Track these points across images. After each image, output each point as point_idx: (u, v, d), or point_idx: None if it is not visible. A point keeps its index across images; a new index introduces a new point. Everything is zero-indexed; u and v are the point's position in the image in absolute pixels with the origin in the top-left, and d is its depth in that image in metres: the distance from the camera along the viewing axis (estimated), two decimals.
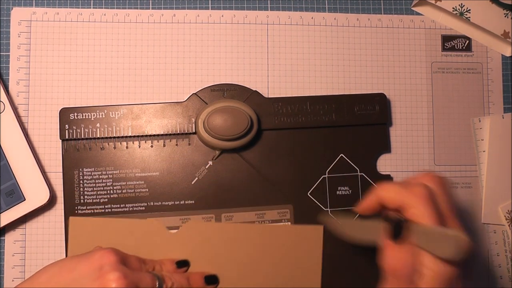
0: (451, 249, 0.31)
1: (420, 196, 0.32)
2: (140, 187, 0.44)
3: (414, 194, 0.33)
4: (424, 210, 0.32)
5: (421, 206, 0.32)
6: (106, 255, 0.35)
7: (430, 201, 0.32)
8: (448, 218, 0.33)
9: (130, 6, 0.47)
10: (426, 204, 0.32)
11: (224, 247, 0.42)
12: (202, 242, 0.42)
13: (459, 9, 0.47)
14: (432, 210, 0.32)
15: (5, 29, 0.45)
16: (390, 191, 0.34)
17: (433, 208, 0.32)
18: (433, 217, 0.32)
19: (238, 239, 0.43)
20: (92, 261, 0.35)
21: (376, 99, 0.46)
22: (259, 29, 0.47)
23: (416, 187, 0.33)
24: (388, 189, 0.34)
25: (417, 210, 0.32)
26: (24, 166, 0.42)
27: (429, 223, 0.32)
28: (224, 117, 0.42)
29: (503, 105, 0.49)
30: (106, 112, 0.43)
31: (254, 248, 0.43)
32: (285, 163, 0.45)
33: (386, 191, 0.34)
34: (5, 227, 0.43)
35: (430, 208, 0.32)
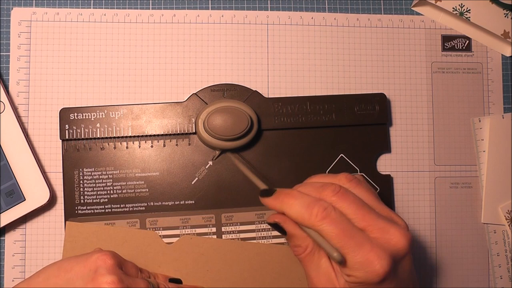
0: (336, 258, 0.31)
1: (320, 217, 0.32)
2: (140, 187, 0.44)
3: (315, 215, 0.32)
4: (327, 230, 0.32)
5: (323, 226, 0.32)
6: (103, 258, 0.35)
7: (331, 220, 0.32)
8: (362, 220, 0.33)
9: (130, 6, 0.47)
10: (327, 224, 0.32)
11: (218, 263, 0.42)
12: (196, 257, 0.42)
13: (459, 9, 0.47)
14: (334, 227, 0.32)
15: (5, 29, 0.45)
16: (292, 209, 0.34)
17: (335, 225, 0.32)
18: (337, 234, 0.32)
19: (233, 256, 0.43)
20: (89, 262, 0.35)
21: (376, 99, 0.46)
22: (259, 29, 0.47)
23: (317, 207, 0.32)
24: (290, 206, 0.34)
25: (320, 231, 0.32)
26: (24, 166, 0.42)
27: (335, 240, 0.32)
28: (224, 117, 0.42)
29: (503, 105, 0.49)
30: (106, 112, 0.43)
31: (248, 266, 0.43)
32: (285, 163, 0.45)
33: (289, 208, 0.34)
34: (5, 227, 0.43)
35: (331, 226, 0.32)
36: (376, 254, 0.31)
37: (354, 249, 0.31)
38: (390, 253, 0.31)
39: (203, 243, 0.43)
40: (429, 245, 0.47)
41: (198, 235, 0.43)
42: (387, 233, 0.32)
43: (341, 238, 0.31)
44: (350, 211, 0.33)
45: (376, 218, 0.33)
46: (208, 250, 0.43)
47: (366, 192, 0.35)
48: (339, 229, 0.32)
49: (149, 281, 0.37)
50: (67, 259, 0.36)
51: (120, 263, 0.37)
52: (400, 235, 0.32)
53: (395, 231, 0.32)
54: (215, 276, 0.42)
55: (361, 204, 0.33)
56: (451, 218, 0.48)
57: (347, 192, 0.34)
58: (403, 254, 0.32)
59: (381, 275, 0.31)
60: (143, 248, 0.42)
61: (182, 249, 0.42)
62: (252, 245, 0.43)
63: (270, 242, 0.44)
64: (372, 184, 0.46)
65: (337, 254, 0.31)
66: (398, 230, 0.32)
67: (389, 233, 0.32)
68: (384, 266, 0.31)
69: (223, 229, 0.44)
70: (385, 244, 0.32)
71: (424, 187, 0.47)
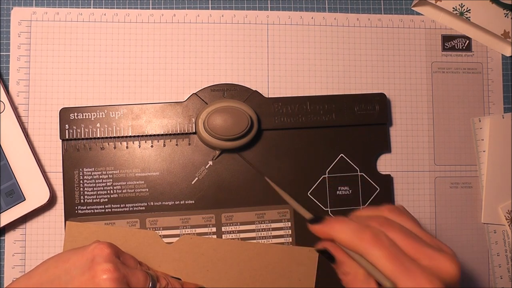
0: None
1: (370, 242, 0.32)
2: (140, 187, 0.44)
3: (365, 240, 0.32)
4: (377, 254, 0.31)
5: (373, 251, 0.32)
6: (100, 247, 0.35)
7: (381, 245, 0.32)
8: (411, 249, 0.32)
9: (130, 6, 0.47)
10: (378, 249, 0.31)
11: (218, 263, 0.42)
12: (196, 257, 0.42)
13: (459, 9, 0.47)
14: (385, 252, 0.31)
15: (5, 29, 0.45)
16: (342, 234, 0.33)
17: (386, 250, 0.31)
18: (387, 260, 0.31)
19: (233, 256, 0.43)
20: (86, 252, 0.35)
21: (376, 99, 0.46)
22: (259, 29, 0.47)
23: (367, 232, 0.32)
24: (340, 232, 0.33)
25: (370, 256, 0.32)
26: (24, 166, 0.42)
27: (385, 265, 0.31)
28: (224, 117, 0.42)
29: (503, 105, 0.49)
30: (106, 112, 0.43)
31: (248, 266, 0.43)
32: (285, 163, 0.45)
33: (339, 233, 0.33)
34: (5, 227, 0.43)
35: (382, 251, 0.31)
36: (428, 279, 0.30)
37: (404, 274, 0.31)
38: (441, 280, 0.31)
39: (203, 243, 0.43)
40: None
41: (198, 235, 0.43)
42: (437, 260, 0.32)
43: (391, 263, 0.31)
44: (398, 241, 0.32)
45: (424, 247, 0.32)
46: (208, 250, 0.43)
47: (410, 221, 0.34)
48: (389, 254, 0.31)
49: (148, 273, 0.37)
50: (66, 251, 0.37)
51: (118, 253, 0.37)
52: (450, 262, 0.31)
53: (444, 259, 0.32)
54: (215, 276, 0.42)
55: (407, 233, 0.33)
56: (451, 218, 0.48)
57: (393, 222, 0.33)
58: (454, 281, 0.32)
59: None
60: (143, 248, 0.42)
61: (182, 249, 0.42)
62: (252, 245, 0.43)
63: (270, 242, 0.44)
64: (372, 184, 0.46)
65: (389, 283, 0.31)
66: (447, 258, 0.32)
67: (438, 261, 0.32)
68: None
69: (223, 229, 0.44)
70: (436, 271, 0.31)
71: (424, 187, 0.47)
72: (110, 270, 0.34)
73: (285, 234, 0.44)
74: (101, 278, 0.33)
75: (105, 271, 0.34)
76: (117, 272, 0.34)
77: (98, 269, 0.34)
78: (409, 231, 0.33)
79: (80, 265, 0.35)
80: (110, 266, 0.34)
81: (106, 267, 0.34)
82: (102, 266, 0.34)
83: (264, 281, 0.43)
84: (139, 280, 0.36)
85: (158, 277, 0.38)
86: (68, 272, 0.35)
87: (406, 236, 0.33)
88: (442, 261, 0.32)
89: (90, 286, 0.33)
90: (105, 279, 0.33)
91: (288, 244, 0.44)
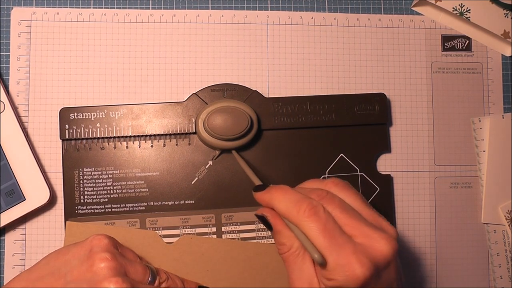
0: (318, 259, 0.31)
1: (306, 214, 0.32)
2: (140, 187, 0.44)
3: (302, 212, 0.32)
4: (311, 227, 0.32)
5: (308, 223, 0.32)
6: (99, 237, 0.36)
7: (317, 218, 0.32)
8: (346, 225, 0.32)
9: (130, 6, 0.47)
10: (313, 221, 0.32)
11: (218, 263, 0.42)
12: (196, 257, 0.42)
13: (459, 9, 0.47)
14: (319, 226, 0.31)
15: (5, 29, 0.45)
16: (281, 203, 0.34)
17: (321, 223, 0.32)
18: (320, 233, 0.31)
19: (233, 256, 0.42)
20: (85, 243, 0.36)
21: (376, 99, 0.46)
22: (259, 29, 0.47)
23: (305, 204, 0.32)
24: (279, 201, 0.34)
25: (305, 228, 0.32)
26: (24, 166, 0.42)
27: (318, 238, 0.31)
28: (224, 117, 0.42)
29: (503, 105, 0.49)
30: (106, 112, 0.43)
31: (248, 266, 0.43)
32: (285, 163, 0.45)
33: (278, 202, 0.34)
34: (5, 227, 0.43)
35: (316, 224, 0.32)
36: (357, 258, 0.30)
37: (335, 250, 0.31)
38: (372, 259, 0.31)
39: (203, 243, 0.43)
40: (429, 245, 0.47)
41: (198, 235, 0.43)
42: (372, 239, 0.31)
43: (324, 237, 0.31)
44: (335, 215, 0.32)
45: (361, 224, 0.32)
46: (208, 250, 0.43)
47: (354, 197, 0.34)
48: (323, 228, 0.31)
49: (147, 266, 0.37)
50: (66, 246, 0.37)
51: (116, 245, 0.37)
52: (385, 242, 0.31)
53: (379, 238, 0.31)
54: (215, 276, 0.42)
55: (347, 208, 0.33)
56: (451, 218, 0.48)
57: (333, 196, 0.33)
58: (386, 262, 0.31)
59: (361, 280, 0.30)
60: (143, 248, 0.42)
61: (182, 249, 0.42)
62: (252, 245, 0.43)
63: (270, 242, 0.44)
64: (372, 184, 0.46)
65: (318, 256, 0.31)
66: (383, 237, 0.32)
67: (373, 240, 0.31)
68: (365, 272, 0.30)
69: (223, 229, 0.44)
70: (368, 250, 0.31)
71: (424, 187, 0.47)
72: (108, 258, 0.34)
73: None
74: (99, 266, 0.34)
75: (103, 259, 0.34)
76: (114, 261, 0.34)
77: (96, 258, 0.34)
78: (349, 206, 0.33)
79: (79, 256, 0.35)
80: (108, 255, 0.34)
81: (104, 256, 0.34)
82: (100, 255, 0.34)
83: (264, 281, 0.43)
84: (137, 272, 0.36)
85: (158, 271, 0.38)
86: (68, 263, 0.35)
87: (345, 212, 0.32)
88: (377, 241, 0.31)
89: (88, 275, 0.34)
90: (102, 268, 0.34)
91: None
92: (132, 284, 0.34)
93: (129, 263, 0.36)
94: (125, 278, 0.34)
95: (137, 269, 0.36)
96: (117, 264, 0.34)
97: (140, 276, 0.36)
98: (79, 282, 0.34)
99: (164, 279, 0.38)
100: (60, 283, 0.34)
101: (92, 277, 0.33)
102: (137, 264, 0.36)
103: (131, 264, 0.36)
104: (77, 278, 0.34)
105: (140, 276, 0.36)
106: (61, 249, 0.37)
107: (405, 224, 0.47)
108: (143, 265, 0.37)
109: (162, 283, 0.37)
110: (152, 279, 0.36)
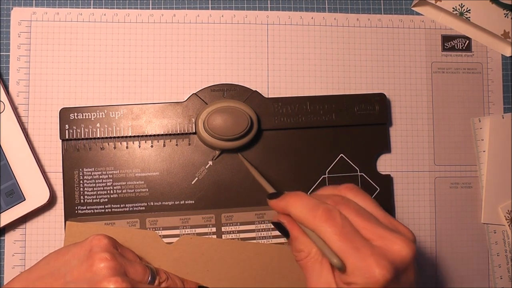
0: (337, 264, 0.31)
1: (322, 218, 0.32)
2: (140, 187, 0.44)
3: (318, 217, 0.32)
4: (328, 231, 0.31)
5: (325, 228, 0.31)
6: (98, 237, 0.36)
7: (333, 222, 0.31)
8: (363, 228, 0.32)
9: (130, 6, 0.47)
10: (329, 226, 0.31)
11: (218, 263, 0.42)
12: (196, 257, 0.42)
13: (459, 9, 0.47)
14: (336, 230, 0.31)
15: (5, 29, 0.45)
16: (296, 209, 0.33)
17: (338, 227, 0.31)
18: (338, 237, 0.31)
19: (233, 256, 0.42)
20: (85, 244, 0.36)
21: (376, 99, 0.46)
22: (259, 29, 0.47)
23: (321, 209, 0.32)
24: (295, 207, 0.34)
25: (322, 233, 0.32)
26: (24, 166, 0.42)
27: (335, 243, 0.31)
28: (224, 117, 0.42)
29: (503, 105, 0.49)
30: (106, 112, 0.43)
31: (248, 266, 0.43)
32: (285, 163, 0.45)
33: (293, 208, 0.34)
34: (5, 227, 0.43)
35: (333, 228, 0.31)
36: (376, 260, 0.30)
37: (354, 253, 0.30)
38: (391, 262, 0.30)
39: (203, 243, 0.43)
40: (429, 245, 0.47)
41: (198, 235, 0.43)
42: (390, 241, 0.31)
43: (341, 241, 0.31)
44: (352, 219, 0.32)
45: (378, 227, 0.32)
46: (208, 250, 0.43)
47: (369, 201, 0.34)
48: (340, 232, 0.31)
49: (147, 266, 0.37)
50: (66, 246, 0.37)
51: (116, 245, 0.37)
52: (403, 244, 0.31)
53: (398, 240, 0.31)
54: (215, 276, 0.42)
55: (362, 212, 0.33)
56: (451, 218, 0.48)
57: (348, 201, 0.33)
58: (406, 264, 0.31)
59: (381, 283, 0.30)
60: (143, 248, 0.42)
61: (182, 249, 0.42)
62: (252, 245, 0.43)
63: (270, 242, 0.44)
64: (372, 184, 0.46)
65: (337, 260, 0.30)
66: (401, 240, 0.31)
67: (391, 242, 0.31)
68: (385, 274, 0.30)
69: (223, 229, 0.44)
70: (387, 253, 0.31)
71: (424, 187, 0.47)
72: (108, 258, 0.34)
73: None
74: (99, 266, 0.34)
75: (102, 259, 0.34)
76: (114, 261, 0.34)
77: (96, 258, 0.34)
78: (365, 210, 0.33)
79: (79, 256, 0.35)
80: (107, 255, 0.34)
81: (103, 256, 0.34)
82: (99, 255, 0.34)
83: (264, 281, 0.43)
84: (137, 271, 0.36)
85: (158, 271, 0.38)
86: (68, 263, 0.35)
87: (361, 215, 0.32)
88: (395, 243, 0.31)
89: (88, 275, 0.34)
90: (102, 268, 0.34)
91: (288, 244, 0.44)
92: (132, 284, 0.34)
93: (129, 263, 0.36)
94: (125, 278, 0.34)
95: (137, 269, 0.36)
96: (117, 264, 0.34)
97: (140, 276, 0.36)
98: (79, 282, 0.34)
99: (164, 279, 0.38)
100: (60, 283, 0.34)
101: (92, 277, 0.33)
102: (137, 264, 0.36)
103: (131, 264, 0.36)
104: (77, 278, 0.34)
105: (140, 276, 0.36)
106: (61, 249, 0.37)
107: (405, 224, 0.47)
108: (143, 265, 0.37)
109: (162, 283, 0.37)
110: (152, 279, 0.37)
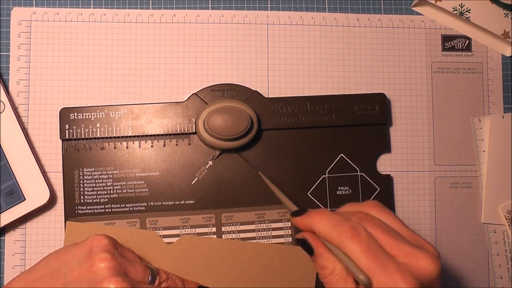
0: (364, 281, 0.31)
1: (348, 235, 0.31)
2: (140, 187, 0.44)
3: (343, 234, 0.32)
4: (354, 248, 0.31)
5: (350, 245, 0.31)
6: (98, 238, 0.36)
7: (359, 239, 0.31)
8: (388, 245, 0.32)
9: (130, 6, 0.47)
10: (355, 243, 0.31)
11: (218, 263, 0.42)
12: (196, 257, 0.42)
13: (459, 9, 0.47)
14: (362, 247, 0.31)
15: (5, 29, 0.45)
16: (321, 226, 0.33)
17: (363, 244, 0.31)
18: (364, 253, 0.31)
19: (233, 256, 0.43)
20: (85, 244, 0.36)
21: (376, 99, 0.46)
22: (259, 29, 0.47)
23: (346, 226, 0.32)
24: (319, 224, 0.33)
25: (347, 250, 0.32)
26: (24, 166, 0.42)
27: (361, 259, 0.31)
28: (224, 117, 0.42)
29: (503, 105, 0.49)
30: (106, 112, 0.43)
31: (248, 266, 0.43)
32: (285, 163, 0.45)
33: (318, 225, 0.33)
34: (5, 227, 0.43)
35: (359, 245, 0.31)
36: (403, 277, 0.30)
37: (379, 270, 0.30)
38: (417, 278, 0.30)
39: (203, 243, 0.43)
40: None
41: (198, 235, 0.43)
42: (415, 258, 0.31)
43: (367, 258, 0.30)
44: (377, 236, 0.32)
45: (403, 243, 0.32)
46: (208, 250, 0.43)
47: (392, 218, 0.34)
48: (366, 249, 0.31)
49: (148, 266, 0.37)
50: (66, 246, 0.37)
51: (116, 245, 0.37)
52: (429, 261, 0.31)
53: (423, 257, 0.31)
54: (215, 276, 0.42)
55: (387, 229, 0.32)
56: (451, 218, 0.48)
57: (372, 217, 0.33)
58: (431, 281, 0.31)
59: None
60: (143, 248, 0.42)
61: (182, 249, 0.42)
62: (252, 245, 0.43)
63: (270, 242, 0.44)
64: (372, 184, 0.46)
65: (364, 277, 0.30)
66: (427, 256, 0.31)
67: (417, 258, 0.31)
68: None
69: (223, 229, 0.44)
70: (412, 269, 0.31)
71: (424, 187, 0.47)
72: (108, 259, 0.34)
73: (285, 234, 0.44)
74: (99, 266, 0.34)
75: (102, 259, 0.34)
76: (114, 261, 0.34)
77: (96, 258, 0.34)
78: (389, 227, 0.33)
79: (79, 256, 0.35)
80: (107, 255, 0.34)
81: (103, 256, 0.34)
82: (99, 255, 0.34)
83: (264, 281, 0.43)
84: (138, 272, 0.36)
85: (158, 271, 0.38)
86: (68, 263, 0.35)
87: (386, 232, 0.32)
88: (420, 259, 0.31)
89: (88, 275, 0.34)
90: (102, 268, 0.34)
91: (288, 244, 0.44)
92: (132, 284, 0.34)
93: (129, 263, 0.36)
94: (125, 278, 0.34)
95: (137, 269, 0.36)
96: (117, 264, 0.34)
97: (140, 276, 0.36)
98: (79, 282, 0.34)
99: (164, 279, 0.38)
100: (60, 283, 0.34)
101: (92, 277, 0.33)
102: (137, 264, 0.36)
103: (131, 264, 0.36)
104: (77, 278, 0.34)
105: (140, 276, 0.36)
106: (61, 250, 0.37)
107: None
108: (143, 265, 0.37)
109: (162, 283, 0.38)
110: (152, 279, 0.37)
